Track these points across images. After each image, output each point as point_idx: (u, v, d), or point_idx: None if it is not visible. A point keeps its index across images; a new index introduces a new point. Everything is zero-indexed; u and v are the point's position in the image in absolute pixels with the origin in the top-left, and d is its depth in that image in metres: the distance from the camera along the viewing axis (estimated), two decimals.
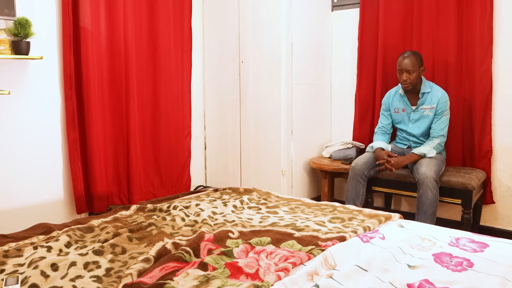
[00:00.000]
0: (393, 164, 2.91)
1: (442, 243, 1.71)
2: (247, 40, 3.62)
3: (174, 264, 1.51)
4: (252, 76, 3.62)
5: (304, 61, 3.61)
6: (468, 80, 3.11)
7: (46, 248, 1.68)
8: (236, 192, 2.57)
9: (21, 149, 2.71)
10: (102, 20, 2.95)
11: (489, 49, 3.01)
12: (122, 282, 1.40)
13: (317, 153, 3.84)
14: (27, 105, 2.72)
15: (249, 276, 1.44)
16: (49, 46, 2.78)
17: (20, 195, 2.73)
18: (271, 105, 3.51)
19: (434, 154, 2.90)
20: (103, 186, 3.03)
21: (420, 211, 2.78)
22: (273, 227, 1.90)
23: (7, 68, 2.60)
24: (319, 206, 2.27)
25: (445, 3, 3.14)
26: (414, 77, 2.92)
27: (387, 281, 1.40)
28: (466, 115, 3.15)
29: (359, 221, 1.98)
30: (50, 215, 2.85)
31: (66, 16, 2.76)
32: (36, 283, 1.41)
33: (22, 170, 2.73)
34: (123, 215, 2.17)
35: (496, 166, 3.09)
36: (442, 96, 2.95)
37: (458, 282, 1.39)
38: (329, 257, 1.56)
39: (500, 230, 3.09)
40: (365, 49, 3.59)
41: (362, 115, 3.64)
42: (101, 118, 2.99)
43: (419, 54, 2.97)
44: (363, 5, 3.56)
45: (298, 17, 3.50)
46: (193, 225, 1.98)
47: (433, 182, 2.74)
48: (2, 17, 2.45)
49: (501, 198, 3.09)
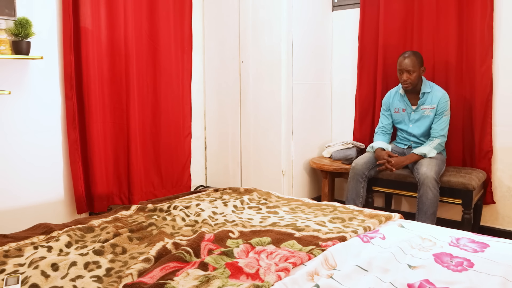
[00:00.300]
0: (393, 164, 2.91)
1: (442, 243, 1.71)
2: (247, 40, 3.62)
3: (174, 264, 1.51)
4: (252, 76, 3.62)
5: (305, 61, 3.61)
6: (469, 80, 3.11)
7: (47, 248, 1.68)
8: (236, 192, 2.57)
9: (22, 149, 2.71)
10: (103, 20, 2.95)
11: (489, 49, 3.01)
12: (123, 282, 1.40)
13: (317, 153, 3.84)
14: (27, 105, 2.72)
15: (249, 276, 1.44)
16: (49, 46, 2.78)
17: (21, 195, 2.73)
18: (272, 105, 3.51)
19: (434, 154, 2.90)
20: (104, 186, 3.03)
21: (421, 211, 2.78)
22: (273, 227, 1.90)
23: (8, 68, 2.60)
24: (319, 206, 2.27)
25: (446, 3, 3.14)
26: (415, 77, 2.92)
27: (387, 281, 1.40)
28: (466, 115, 3.15)
29: (360, 221, 1.98)
30: (50, 215, 2.85)
31: (67, 16, 2.76)
32: (37, 283, 1.41)
33: (23, 170, 2.73)
34: (124, 215, 2.17)
35: (496, 166, 3.09)
36: (443, 96, 2.95)
37: (459, 282, 1.39)
38: (330, 257, 1.56)
39: (501, 230, 3.09)
40: (365, 49, 3.59)
41: (362, 115, 3.64)
42: (101, 118, 2.99)
43: (419, 54, 2.97)
44: (363, 5, 3.56)
45: (299, 17, 3.50)
46: (194, 225, 1.98)
47: (433, 182, 2.74)
48: (3, 17, 2.45)
49: (502, 198, 3.09)
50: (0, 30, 2.46)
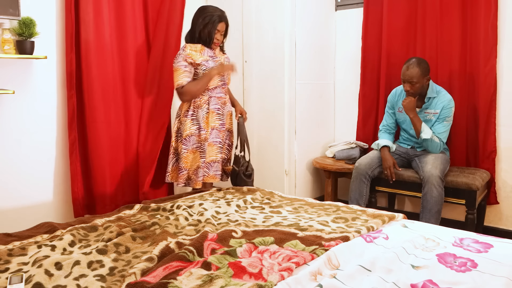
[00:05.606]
0: (405, 105, 2.91)
1: (446, 244, 1.71)
2: (250, 40, 3.62)
3: (177, 263, 1.52)
4: (255, 75, 3.62)
5: (308, 61, 3.61)
6: (473, 80, 3.10)
7: (50, 247, 1.68)
8: (239, 192, 2.57)
9: (26, 148, 2.72)
10: (104, 20, 2.95)
11: (493, 48, 2.99)
12: (126, 281, 1.40)
13: (320, 153, 3.84)
14: (31, 105, 2.72)
15: (252, 276, 1.44)
16: (52, 46, 2.78)
17: (24, 194, 2.73)
18: (275, 105, 3.51)
19: (428, 136, 2.87)
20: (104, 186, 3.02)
21: (425, 209, 2.77)
22: (276, 227, 1.90)
23: (12, 68, 2.61)
24: (322, 206, 2.26)
25: (450, 2, 3.13)
26: (417, 88, 2.89)
27: (390, 281, 1.40)
28: (470, 115, 3.13)
29: (363, 221, 1.97)
30: (52, 215, 2.86)
31: (69, 15, 2.76)
32: (40, 282, 1.41)
33: (27, 169, 2.73)
34: (127, 214, 2.18)
35: (500, 166, 3.08)
36: (448, 103, 2.91)
37: (462, 283, 1.39)
38: (333, 257, 1.56)
39: (504, 230, 3.08)
40: (369, 48, 3.58)
41: (365, 115, 3.63)
42: (102, 118, 2.98)
43: (424, 64, 2.89)
44: (367, 5, 3.56)
45: (302, 16, 3.50)
46: (197, 225, 1.98)
47: (438, 180, 2.73)
48: (7, 17, 2.45)
49: (505, 199, 3.08)
50: (4, 29, 2.47)
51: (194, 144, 2.80)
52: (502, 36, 3.00)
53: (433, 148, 2.91)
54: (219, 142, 2.88)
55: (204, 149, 2.79)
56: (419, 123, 2.90)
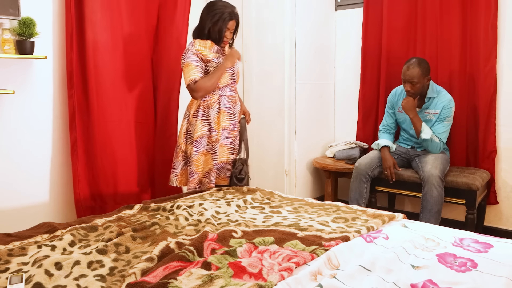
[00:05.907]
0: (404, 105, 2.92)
1: (446, 244, 1.71)
2: (250, 40, 3.62)
3: (177, 263, 1.52)
4: (255, 75, 3.62)
5: (308, 61, 3.61)
6: (473, 80, 3.10)
7: (50, 247, 1.68)
8: (239, 192, 2.57)
9: (26, 148, 2.72)
10: (105, 20, 2.95)
11: (493, 48, 3.00)
12: (126, 281, 1.40)
13: (320, 152, 3.84)
14: (31, 105, 2.72)
15: (252, 276, 1.44)
16: (52, 46, 2.78)
17: (24, 194, 2.73)
18: (275, 105, 3.51)
19: (428, 137, 2.87)
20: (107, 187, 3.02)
21: (425, 209, 2.77)
22: (276, 227, 1.90)
23: (12, 68, 2.61)
24: (322, 206, 2.26)
25: (450, 2, 3.13)
26: (418, 88, 2.89)
27: (390, 281, 1.40)
28: (470, 115, 3.14)
29: (363, 221, 1.97)
30: (53, 215, 2.86)
31: (69, 15, 2.76)
32: (40, 282, 1.41)
33: (27, 169, 2.73)
34: (127, 214, 2.18)
35: (500, 166, 3.08)
36: (448, 103, 2.91)
37: (462, 283, 1.39)
38: (333, 257, 1.56)
39: (504, 230, 3.08)
40: (369, 48, 3.59)
41: (365, 115, 3.63)
42: (103, 118, 2.98)
43: (425, 64, 2.90)
44: (367, 5, 3.56)
45: (302, 16, 3.50)
46: (197, 225, 1.98)
47: (438, 180, 2.73)
48: (7, 17, 2.45)
49: (505, 199, 3.08)
50: (4, 29, 2.47)
51: (205, 146, 2.67)
52: (502, 36, 3.00)
53: (433, 148, 2.91)
54: (230, 142, 2.77)
55: (215, 151, 2.67)
56: (419, 123, 2.90)
